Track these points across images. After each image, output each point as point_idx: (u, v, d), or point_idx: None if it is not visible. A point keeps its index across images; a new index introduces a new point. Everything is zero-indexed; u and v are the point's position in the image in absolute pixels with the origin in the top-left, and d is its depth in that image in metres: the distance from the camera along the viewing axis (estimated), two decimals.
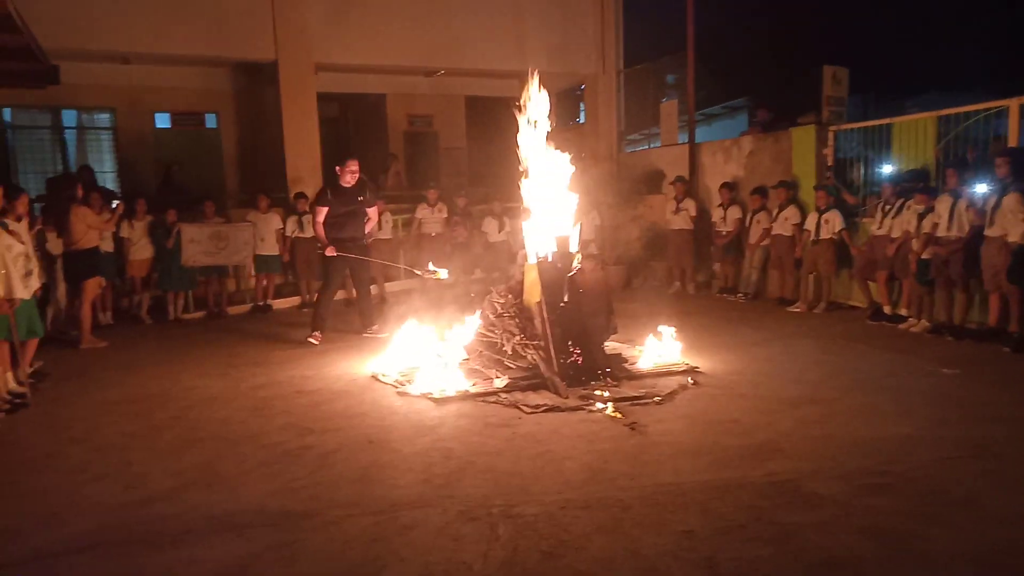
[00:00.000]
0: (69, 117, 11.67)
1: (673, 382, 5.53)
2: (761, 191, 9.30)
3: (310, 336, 7.34)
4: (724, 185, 9.78)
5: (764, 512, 3.38)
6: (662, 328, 6.26)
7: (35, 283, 5.88)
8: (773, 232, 9.03)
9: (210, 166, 12.22)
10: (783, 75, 15.50)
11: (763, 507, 3.43)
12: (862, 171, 9.02)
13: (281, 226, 9.64)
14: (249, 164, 12.26)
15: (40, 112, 11.44)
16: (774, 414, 4.80)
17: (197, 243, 8.97)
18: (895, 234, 7.45)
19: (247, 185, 11.97)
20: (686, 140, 11.06)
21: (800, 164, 9.21)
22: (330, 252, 7.31)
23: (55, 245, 7.49)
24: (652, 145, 12.87)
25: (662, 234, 10.62)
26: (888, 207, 7.65)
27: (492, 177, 11.86)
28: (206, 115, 12.45)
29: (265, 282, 9.71)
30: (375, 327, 7.61)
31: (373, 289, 10.11)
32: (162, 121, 12.19)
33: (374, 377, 5.90)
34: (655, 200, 11.13)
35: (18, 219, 5.91)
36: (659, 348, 6.25)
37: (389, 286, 10.31)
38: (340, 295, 10.09)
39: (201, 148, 12.17)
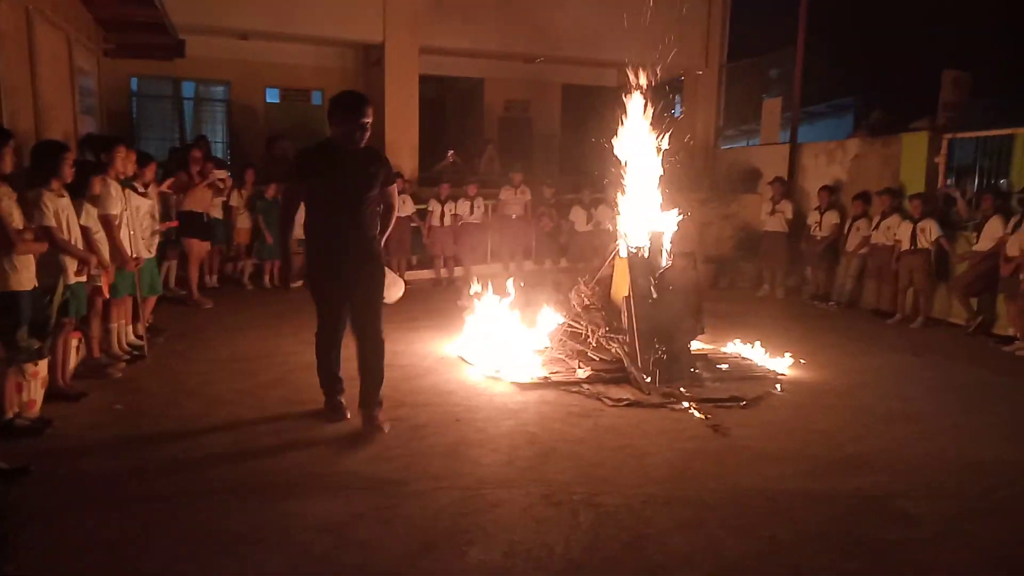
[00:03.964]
0: (188, 88, 12.38)
1: (759, 387, 5.47)
2: (864, 197, 8.97)
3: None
4: (824, 188, 9.49)
5: (854, 526, 3.36)
6: (749, 333, 6.19)
7: (155, 244, 6.35)
8: (873, 241, 8.72)
9: (313, 142, 12.69)
10: (897, 75, 14.77)
11: (852, 521, 3.42)
12: (975, 183, 8.59)
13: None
14: None
15: (162, 82, 12.16)
16: (865, 428, 4.71)
17: None
18: (1012, 252, 7.08)
19: None
20: (787, 139, 10.77)
21: (909, 171, 8.83)
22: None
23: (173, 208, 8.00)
24: (750, 142, 12.57)
25: (754, 235, 10.40)
26: (984, 221, 7.42)
27: (584, 166, 11.87)
28: (313, 92, 12.94)
29: None
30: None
31: (458, 271, 10.36)
32: (272, 96, 12.75)
33: (460, 358, 6.09)
34: (750, 199, 10.90)
35: (145, 185, 6.38)
36: (745, 352, 6.19)
37: (476, 269, 10.52)
38: (425, 274, 10.42)
39: (306, 124, 12.66)
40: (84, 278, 4.75)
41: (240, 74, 12.25)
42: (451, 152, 12.38)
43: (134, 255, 5.62)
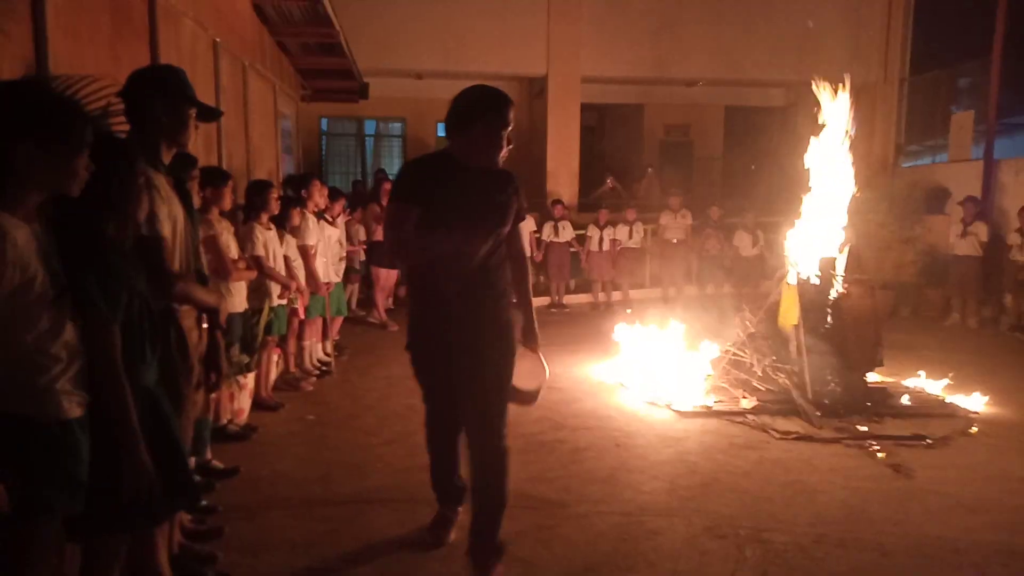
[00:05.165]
0: (369, 126, 13.50)
1: (946, 426, 5.03)
2: None
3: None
4: None
5: None
6: (935, 366, 5.71)
7: (342, 269, 6.98)
8: None
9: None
10: None
11: None
12: None
13: (536, 229, 10.22)
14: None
15: (347, 122, 13.36)
16: None
17: None
18: None
19: None
20: (980, 155, 9.83)
21: None
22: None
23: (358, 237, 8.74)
24: (936, 159, 11.60)
25: (941, 259, 9.56)
26: None
27: (747, 189, 11.52)
28: None
29: None
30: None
31: (613, 295, 10.39)
32: (443, 131, 13.55)
33: (619, 383, 6.12)
34: (935, 221, 10.04)
35: (334, 216, 7.04)
36: (932, 386, 5.72)
37: (635, 294, 10.50)
38: (583, 298, 10.52)
39: None
40: (285, 301, 5.34)
41: (414, 111, 13.19)
42: (610, 178, 12.49)
43: (325, 280, 6.21)
